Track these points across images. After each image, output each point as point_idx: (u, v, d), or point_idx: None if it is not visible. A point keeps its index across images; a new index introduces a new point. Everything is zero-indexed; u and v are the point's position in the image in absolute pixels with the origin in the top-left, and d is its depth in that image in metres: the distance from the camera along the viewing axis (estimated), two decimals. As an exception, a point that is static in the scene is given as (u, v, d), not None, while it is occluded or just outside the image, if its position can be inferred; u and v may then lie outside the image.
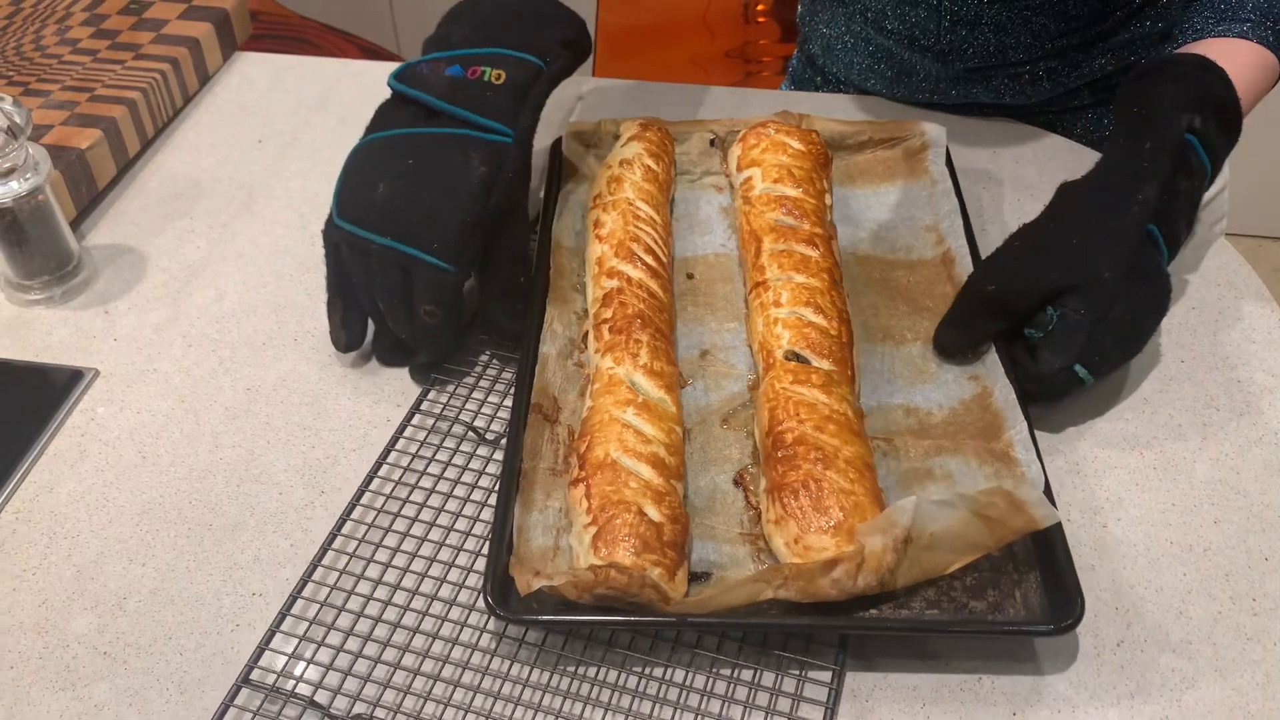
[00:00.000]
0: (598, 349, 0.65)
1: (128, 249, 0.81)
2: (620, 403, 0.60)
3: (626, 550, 0.53)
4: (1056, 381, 0.63)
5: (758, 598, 0.52)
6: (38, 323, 0.75)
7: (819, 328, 0.65)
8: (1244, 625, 0.56)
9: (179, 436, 0.67)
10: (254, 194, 0.86)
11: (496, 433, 0.66)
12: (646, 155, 0.77)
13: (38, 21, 0.98)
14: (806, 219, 0.71)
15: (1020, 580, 0.56)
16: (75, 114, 0.86)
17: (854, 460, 0.58)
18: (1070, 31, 0.85)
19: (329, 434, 0.67)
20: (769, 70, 1.89)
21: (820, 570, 0.52)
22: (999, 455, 0.60)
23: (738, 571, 0.57)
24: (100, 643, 0.57)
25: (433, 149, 0.66)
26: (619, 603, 0.52)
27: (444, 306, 0.65)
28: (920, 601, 0.55)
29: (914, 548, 0.53)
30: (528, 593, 0.52)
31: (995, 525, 0.53)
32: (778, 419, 0.60)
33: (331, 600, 0.57)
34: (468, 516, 0.62)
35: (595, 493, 0.56)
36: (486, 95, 0.68)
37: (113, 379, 0.71)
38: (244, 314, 0.75)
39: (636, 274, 0.68)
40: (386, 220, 0.64)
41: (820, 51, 0.98)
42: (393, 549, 0.60)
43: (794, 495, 0.56)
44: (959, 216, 0.74)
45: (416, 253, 0.64)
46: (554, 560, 0.56)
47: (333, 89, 0.97)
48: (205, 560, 0.60)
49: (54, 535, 0.62)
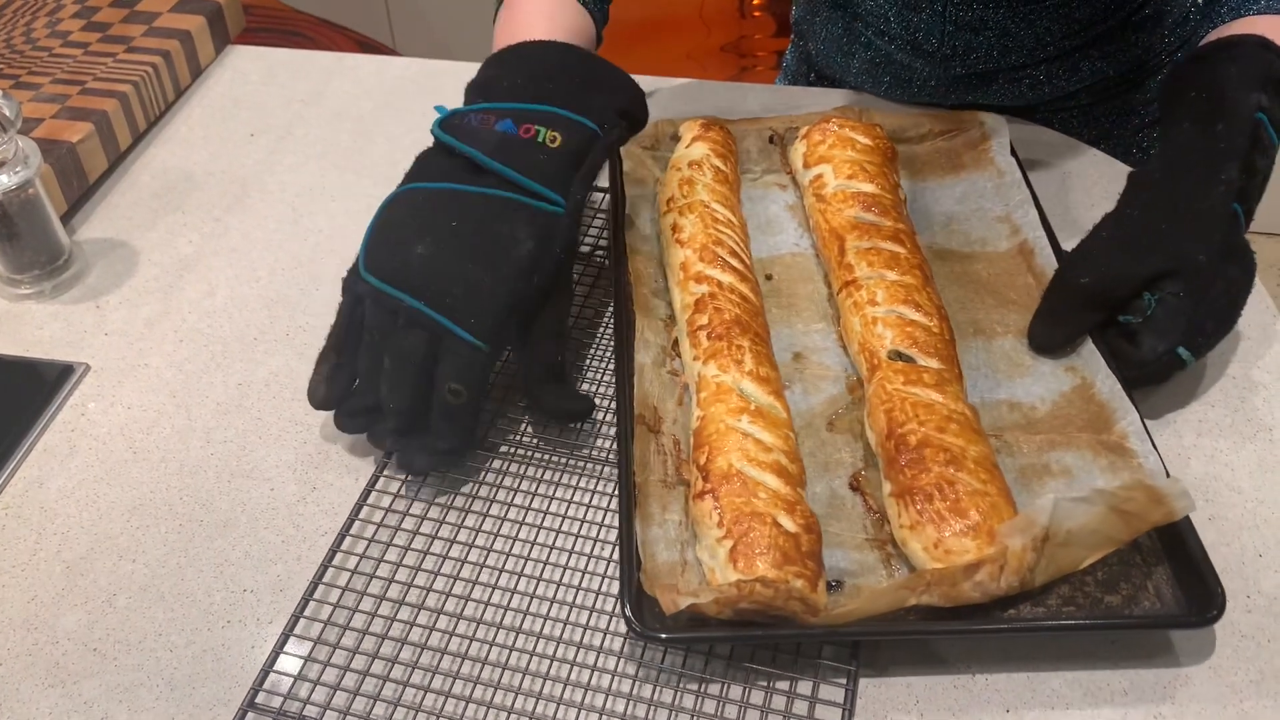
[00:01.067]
0: (696, 356, 0.63)
1: (119, 243, 0.80)
2: (733, 411, 0.59)
3: (767, 563, 0.52)
4: (1160, 366, 0.63)
5: (902, 605, 0.52)
6: (28, 317, 0.74)
7: (921, 326, 0.64)
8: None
9: (170, 432, 0.67)
10: (246, 188, 0.85)
11: (493, 440, 0.65)
12: (714, 156, 0.76)
13: (28, 14, 0.98)
14: (887, 215, 0.71)
15: (1150, 572, 0.55)
16: (66, 107, 0.85)
17: (981, 460, 0.57)
18: (1071, 34, 0.85)
19: (321, 430, 0.67)
20: (763, 65, 1.88)
21: (963, 574, 0.52)
22: (1113, 447, 0.60)
23: (869, 578, 0.56)
24: (90, 639, 0.56)
25: (479, 214, 0.62)
26: (759, 616, 0.52)
27: (471, 388, 0.60)
28: (1056, 599, 0.54)
29: (1050, 545, 0.52)
30: (673, 611, 0.51)
31: (1132, 519, 0.53)
32: (897, 421, 0.59)
33: (335, 619, 0.56)
34: (469, 528, 0.61)
35: (725, 505, 0.55)
36: (540, 159, 0.64)
37: (103, 374, 0.70)
38: (236, 309, 0.75)
39: (726, 278, 0.67)
40: (422, 284, 0.60)
41: (816, 53, 0.97)
42: (394, 564, 0.59)
43: (928, 499, 0.55)
44: (1032, 207, 0.73)
45: (451, 325, 0.59)
46: (684, 576, 0.55)
47: (326, 82, 0.97)
48: (196, 556, 0.60)
49: (43, 531, 0.61)
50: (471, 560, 0.59)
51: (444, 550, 0.59)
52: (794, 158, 0.79)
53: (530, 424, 0.66)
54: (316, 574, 0.58)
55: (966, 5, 0.83)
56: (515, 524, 0.61)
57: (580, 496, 0.62)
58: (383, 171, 0.87)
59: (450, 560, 0.59)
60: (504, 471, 0.64)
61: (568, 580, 0.58)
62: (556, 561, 0.59)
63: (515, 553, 0.59)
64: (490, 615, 0.56)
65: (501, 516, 0.61)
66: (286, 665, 0.54)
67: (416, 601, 0.57)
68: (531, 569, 0.58)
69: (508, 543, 0.60)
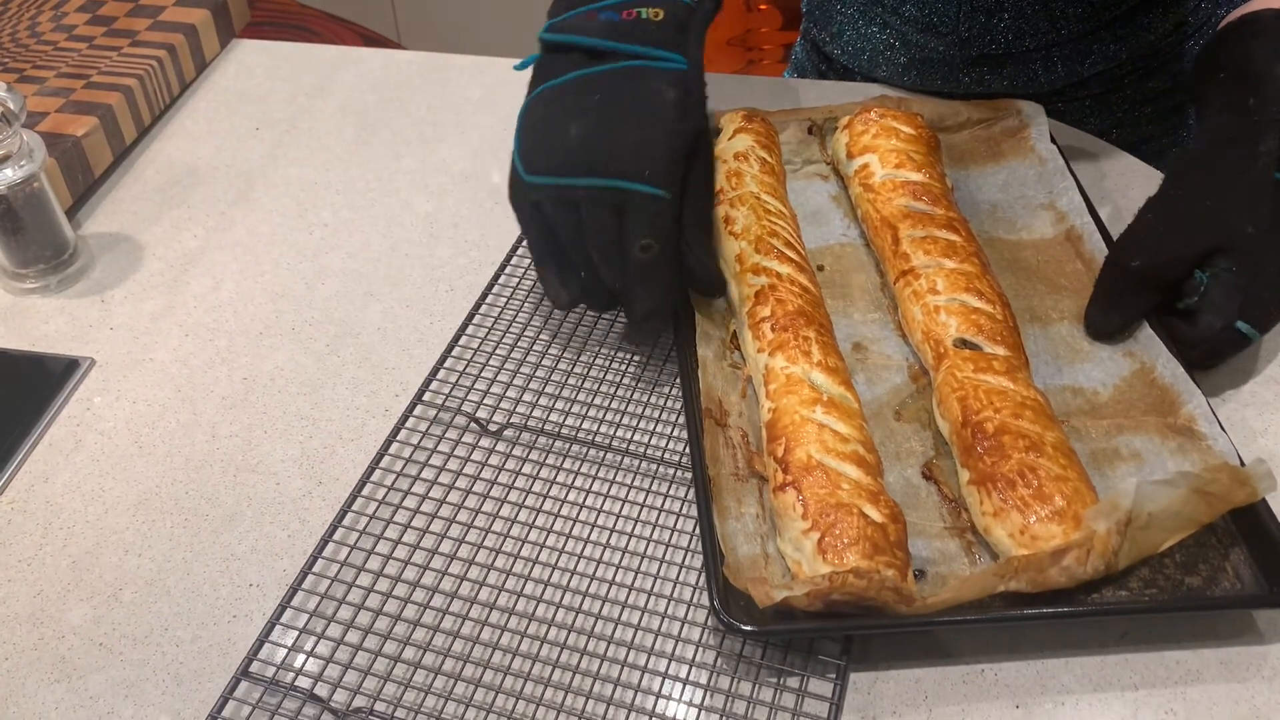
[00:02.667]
0: (761, 348, 0.63)
1: (124, 237, 0.80)
2: (806, 402, 0.59)
3: (857, 554, 0.52)
4: (1220, 342, 0.63)
5: (991, 592, 0.52)
6: (33, 311, 0.74)
7: (985, 313, 0.64)
8: None
9: (175, 426, 0.67)
10: (252, 182, 0.85)
11: (499, 424, 0.65)
12: (759, 147, 0.75)
13: (34, 8, 0.97)
14: (938, 203, 0.71)
15: (1227, 553, 0.56)
16: (71, 101, 0.85)
17: (1059, 445, 0.57)
18: (1085, 17, 0.85)
19: (326, 424, 0.67)
20: (770, 58, 1.87)
21: (1050, 560, 0.52)
22: (1180, 430, 0.60)
23: (951, 567, 0.56)
24: (96, 634, 0.56)
25: (616, 85, 0.63)
26: (849, 608, 0.51)
27: (661, 237, 0.61)
28: (1138, 581, 0.55)
29: (1132, 528, 0.53)
30: (767, 604, 0.51)
31: (1215, 500, 0.53)
32: (971, 409, 0.59)
33: (332, 592, 0.57)
34: (469, 509, 0.61)
35: (809, 497, 0.55)
36: (650, 30, 0.65)
37: (109, 368, 0.70)
38: (241, 303, 0.75)
39: (784, 269, 0.67)
40: (588, 160, 0.61)
41: (829, 38, 0.97)
42: (394, 540, 0.59)
43: (1010, 486, 0.55)
44: (1076, 193, 0.73)
45: (629, 185, 0.60)
46: (767, 568, 0.56)
47: (331, 76, 0.97)
48: (202, 551, 0.60)
49: (49, 526, 0.61)
50: (470, 540, 0.59)
51: (443, 529, 0.59)
52: (836, 148, 0.79)
53: (538, 407, 0.66)
54: (316, 548, 0.58)
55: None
56: (517, 506, 0.61)
57: (599, 486, 0.62)
58: (387, 165, 0.87)
59: (449, 540, 0.59)
60: (508, 454, 0.64)
61: (566, 564, 0.58)
62: (546, 561, 0.58)
63: (531, 539, 0.59)
64: (500, 599, 0.56)
65: (502, 498, 0.61)
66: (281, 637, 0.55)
67: (414, 579, 0.57)
68: (547, 556, 0.58)
69: (523, 528, 0.60)
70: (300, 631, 0.55)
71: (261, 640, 0.54)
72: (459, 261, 0.78)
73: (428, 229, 0.81)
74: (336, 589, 0.57)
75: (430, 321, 0.73)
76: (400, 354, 0.71)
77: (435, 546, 0.59)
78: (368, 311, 0.74)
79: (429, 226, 0.81)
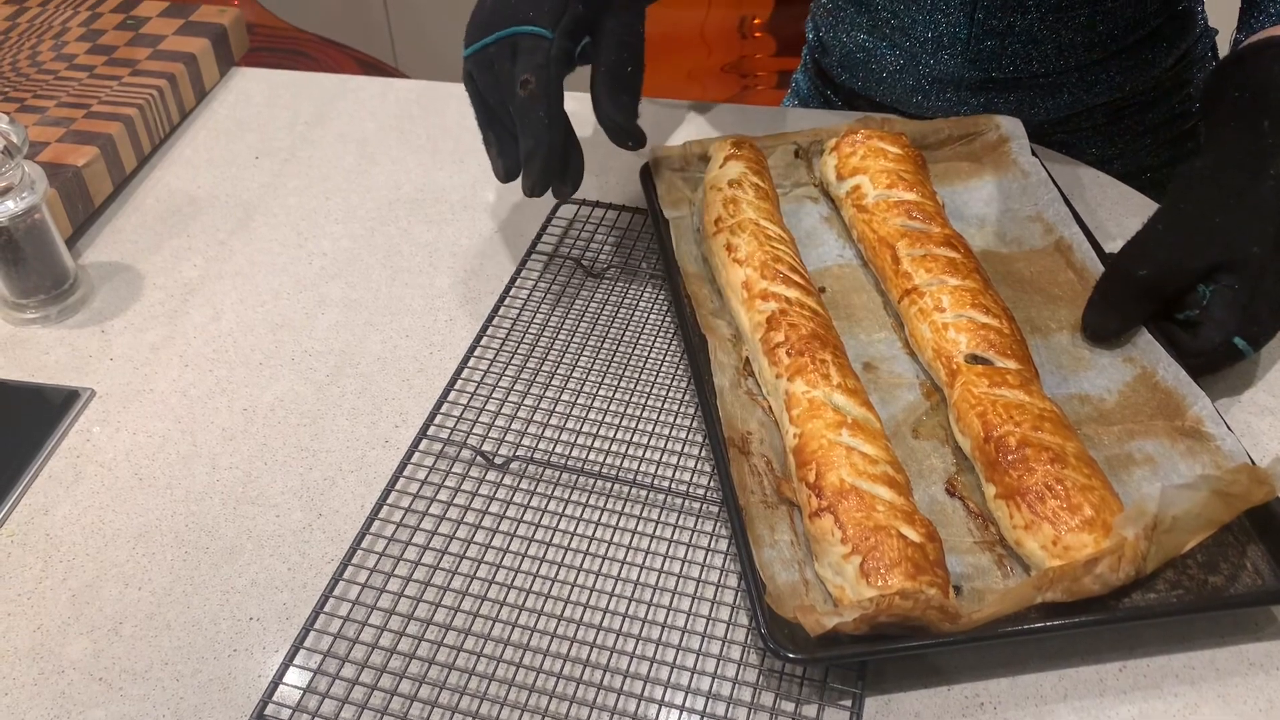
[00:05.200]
0: (779, 374, 0.64)
1: (124, 267, 0.80)
2: (832, 425, 0.60)
3: (901, 575, 0.53)
4: (1217, 356, 0.64)
5: (1029, 604, 0.53)
6: (33, 342, 0.74)
7: (993, 328, 0.65)
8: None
9: (175, 458, 0.67)
10: (251, 211, 0.86)
11: (505, 457, 0.65)
12: (751, 174, 0.76)
13: (34, 37, 0.98)
14: (933, 221, 0.72)
15: (1244, 550, 0.57)
16: (71, 131, 0.85)
17: (1080, 455, 0.58)
18: (1093, 46, 0.87)
19: (326, 455, 0.67)
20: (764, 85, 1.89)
21: (1084, 569, 0.53)
22: (1189, 432, 0.62)
23: (985, 581, 0.57)
24: (96, 669, 0.56)
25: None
26: (894, 629, 0.52)
27: (538, 75, 0.64)
28: (1164, 584, 0.55)
29: (1157, 532, 0.53)
30: (819, 632, 0.51)
31: (1234, 500, 0.54)
32: (991, 424, 0.60)
33: (345, 632, 0.56)
34: (479, 544, 0.60)
35: (847, 520, 0.55)
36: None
37: (109, 399, 0.70)
38: (241, 333, 0.75)
39: (792, 294, 0.67)
40: (493, 19, 0.66)
41: (836, 63, 0.98)
42: (404, 578, 0.58)
43: (1039, 498, 0.56)
44: (1062, 204, 0.75)
45: (517, 29, 0.65)
46: (808, 595, 0.56)
47: (331, 105, 0.97)
48: (202, 584, 0.60)
49: (49, 559, 0.61)
50: (481, 575, 0.59)
51: (454, 565, 0.59)
52: (824, 170, 0.79)
53: (544, 439, 0.66)
54: (327, 587, 0.57)
55: (995, 9, 0.85)
56: (526, 540, 0.60)
57: (608, 519, 0.62)
58: (386, 194, 0.87)
59: (460, 576, 0.59)
60: (515, 488, 0.64)
61: (579, 598, 0.58)
62: (558, 595, 0.58)
63: (542, 574, 0.59)
64: (514, 635, 0.56)
65: (511, 532, 0.61)
66: (294, 678, 0.54)
67: (425, 616, 0.57)
68: (559, 591, 0.58)
69: (534, 563, 0.59)
70: (315, 672, 0.54)
71: (276, 682, 0.54)
72: (459, 291, 0.78)
73: (428, 258, 0.81)
74: (349, 628, 0.56)
75: (430, 352, 0.73)
76: (400, 384, 0.71)
77: (446, 583, 0.59)
78: (368, 341, 0.74)
79: (429, 256, 0.81)
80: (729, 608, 0.57)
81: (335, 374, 0.72)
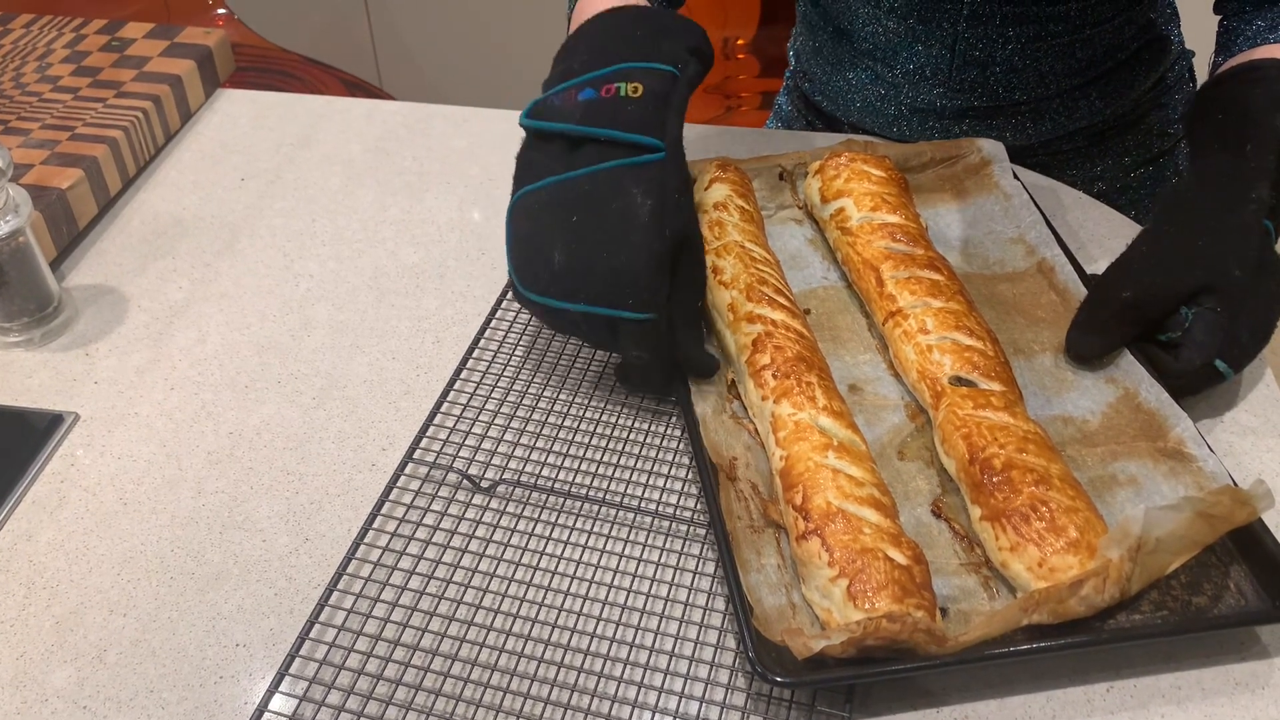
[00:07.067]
0: (765, 396, 0.64)
1: (109, 289, 0.80)
2: (818, 448, 0.60)
3: (888, 598, 0.53)
4: (1197, 377, 0.65)
5: (1016, 626, 0.53)
6: (17, 365, 0.74)
7: (978, 350, 0.65)
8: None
9: (160, 482, 0.66)
10: (237, 233, 0.85)
11: (491, 480, 0.65)
12: (736, 196, 0.77)
13: (18, 59, 0.98)
14: (917, 244, 0.72)
15: (1228, 571, 0.57)
16: (56, 153, 0.85)
17: (1065, 477, 0.58)
18: (1072, 73, 0.88)
19: (313, 479, 0.66)
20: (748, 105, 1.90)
21: (1069, 591, 0.53)
22: (1171, 453, 0.62)
23: (971, 602, 0.57)
24: (80, 697, 0.56)
25: (592, 197, 0.64)
26: (881, 652, 0.52)
27: (652, 350, 0.64)
28: (1149, 605, 0.55)
29: (1141, 554, 0.54)
30: (806, 655, 0.51)
31: (1217, 521, 0.55)
32: (976, 445, 0.60)
33: (330, 658, 0.56)
34: (465, 568, 0.60)
35: (834, 544, 0.55)
36: (628, 110, 0.65)
37: (93, 423, 0.70)
38: (227, 355, 0.75)
39: (778, 316, 0.67)
40: (573, 288, 0.63)
41: (817, 89, 0.98)
42: (390, 603, 0.58)
43: (1024, 520, 0.56)
44: (1044, 226, 0.75)
45: (614, 312, 0.62)
46: (795, 618, 0.56)
47: (316, 126, 0.97)
48: (187, 610, 0.59)
49: (32, 585, 0.61)
50: (460, 618, 0.58)
51: (439, 590, 0.59)
52: (809, 193, 0.80)
53: (530, 462, 0.66)
54: (313, 612, 0.57)
55: (975, 40, 0.85)
56: (513, 564, 0.60)
57: (595, 542, 0.62)
58: (373, 216, 0.87)
59: (446, 600, 0.59)
60: (502, 511, 0.63)
61: (566, 622, 0.57)
62: (545, 620, 0.58)
63: (529, 598, 0.59)
64: (501, 660, 0.56)
65: (498, 556, 0.61)
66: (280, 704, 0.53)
67: (412, 641, 0.56)
68: (546, 615, 0.58)
69: (521, 587, 0.59)
70: (300, 699, 0.54)
71: (261, 710, 0.53)
72: (446, 313, 0.78)
73: (414, 280, 0.81)
74: (335, 654, 0.56)
75: (417, 374, 0.73)
76: (387, 407, 0.71)
77: (433, 608, 0.58)
78: (354, 364, 0.74)
79: (415, 278, 0.81)
80: (716, 630, 0.57)
81: (321, 397, 0.72)
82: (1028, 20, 0.85)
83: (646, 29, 0.70)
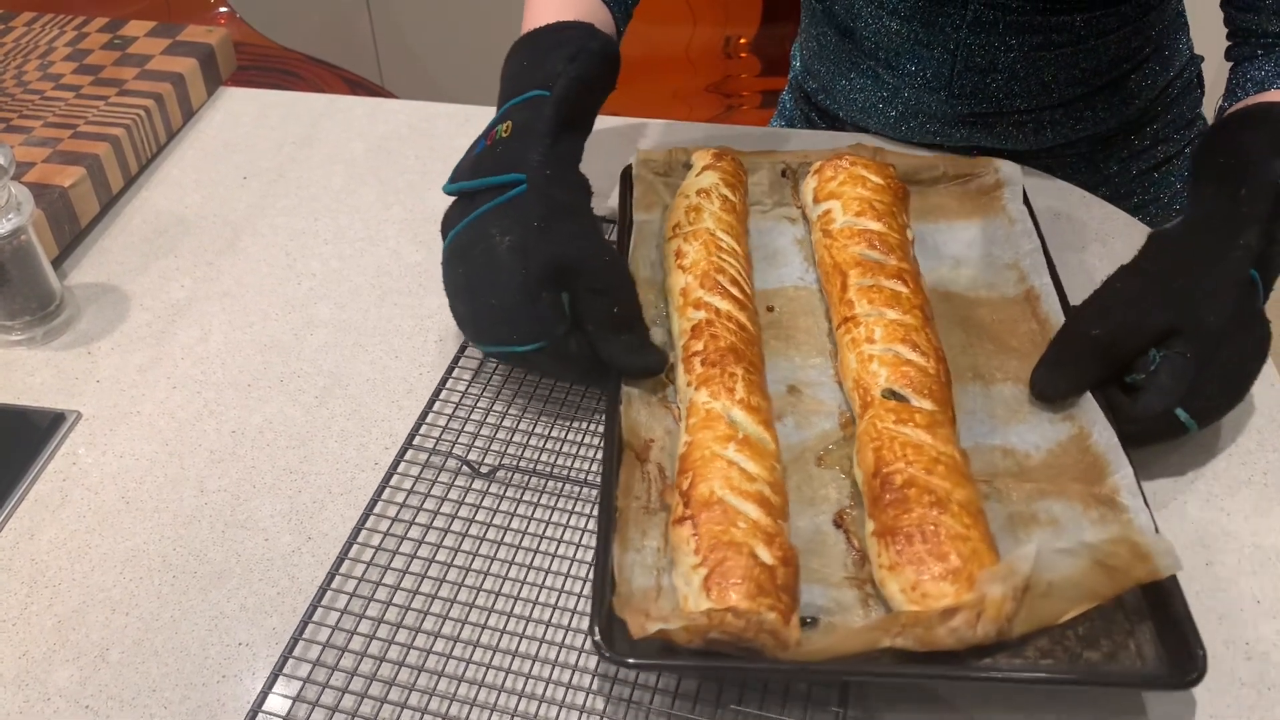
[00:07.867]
0: (690, 382, 0.64)
1: (111, 288, 0.80)
2: (721, 438, 0.59)
3: (741, 594, 0.52)
4: (1156, 424, 0.62)
5: (874, 646, 0.51)
6: (19, 364, 0.74)
7: (918, 366, 0.64)
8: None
9: (163, 481, 0.66)
10: (239, 231, 0.85)
11: (490, 466, 0.65)
12: (723, 185, 0.76)
13: (20, 57, 0.98)
14: (892, 253, 0.71)
15: (1133, 630, 0.54)
16: (57, 151, 0.85)
17: (967, 504, 0.56)
18: (1075, 83, 0.87)
19: (315, 478, 0.66)
20: (749, 104, 1.90)
21: (939, 619, 0.51)
22: (1103, 500, 0.59)
23: (845, 617, 0.55)
24: (82, 696, 0.55)
25: (466, 247, 0.67)
26: (729, 648, 0.51)
27: (564, 372, 0.69)
28: (1034, 651, 0.53)
29: (1030, 596, 0.52)
30: (641, 636, 0.50)
31: (1116, 574, 0.53)
32: (884, 460, 0.59)
33: (334, 641, 0.56)
34: (466, 552, 0.61)
35: (704, 532, 0.55)
36: (497, 152, 0.68)
37: (95, 422, 0.70)
38: (229, 354, 0.75)
39: (724, 306, 0.67)
40: (475, 334, 0.67)
41: (820, 89, 0.98)
42: (392, 587, 0.59)
43: (909, 540, 0.55)
44: (1041, 256, 0.73)
45: (508, 349, 0.65)
46: (657, 601, 0.55)
47: (319, 125, 0.97)
48: (190, 609, 0.59)
49: (35, 584, 0.61)
50: (461, 600, 0.59)
51: (441, 574, 0.59)
52: (805, 192, 0.79)
53: (529, 448, 0.66)
54: (312, 601, 0.57)
55: (978, 47, 0.85)
56: (503, 560, 0.60)
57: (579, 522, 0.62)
58: (375, 214, 0.87)
59: (448, 584, 0.59)
60: (501, 495, 0.64)
61: (558, 619, 0.57)
62: (546, 601, 0.58)
63: (504, 591, 0.59)
64: (503, 641, 0.56)
65: (499, 540, 0.61)
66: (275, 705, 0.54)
67: (414, 625, 0.57)
68: (521, 608, 0.58)
69: (497, 576, 0.59)
70: (295, 700, 0.54)
71: (257, 709, 0.53)
72: (447, 312, 0.77)
73: (416, 279, 0.81)
74: (338, 637, 0.56)
75: (420, 373, 0.73)
76: (390, 405, 0.71)
77: (435, 591, 0.59)
78: (356, 362, 0.74)
79: (418, 276, 0.81)
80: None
81: (324, 395, 0.71)
82: (1031, 29, 0.84)
83: (531, 57, 0.73)
